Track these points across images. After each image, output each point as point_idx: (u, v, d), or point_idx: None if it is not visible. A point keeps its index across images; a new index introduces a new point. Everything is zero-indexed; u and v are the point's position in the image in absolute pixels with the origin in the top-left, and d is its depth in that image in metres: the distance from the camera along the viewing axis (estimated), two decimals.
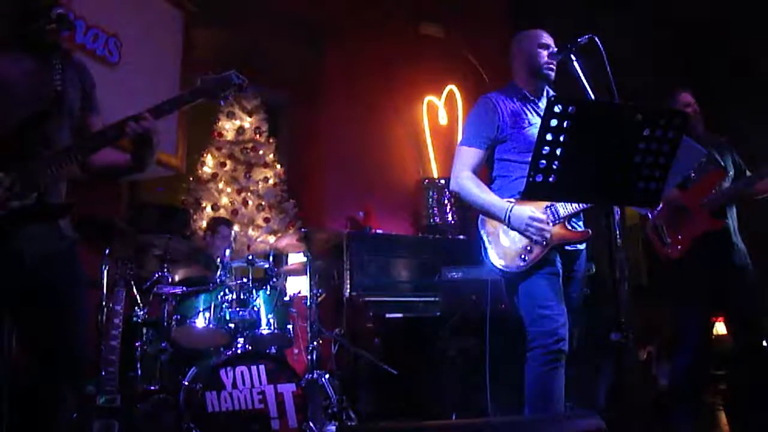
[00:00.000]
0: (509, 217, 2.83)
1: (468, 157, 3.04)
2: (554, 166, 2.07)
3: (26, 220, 2.17)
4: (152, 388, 3.80)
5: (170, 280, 4.10)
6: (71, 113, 2.35)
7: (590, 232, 2.90)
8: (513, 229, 2.84)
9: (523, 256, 2.85)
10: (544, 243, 2.80)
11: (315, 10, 6.50)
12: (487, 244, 2.97)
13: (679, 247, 3.79)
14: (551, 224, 2.83)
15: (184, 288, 4.06)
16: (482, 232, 3.00)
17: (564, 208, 2.84)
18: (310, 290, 4.19)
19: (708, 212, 3.75)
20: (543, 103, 3.08)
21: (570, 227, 2.88)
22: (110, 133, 2.27)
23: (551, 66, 3.01)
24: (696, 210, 3.77)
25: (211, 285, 4.07)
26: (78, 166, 2.37)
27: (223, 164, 6.19)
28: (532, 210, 2.82)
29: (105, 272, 3.86)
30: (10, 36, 2.30)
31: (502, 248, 2.92)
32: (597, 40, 2.62)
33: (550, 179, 2.08)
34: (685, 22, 6.15)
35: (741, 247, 3.75)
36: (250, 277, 4.10)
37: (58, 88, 2.26)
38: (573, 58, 2.76)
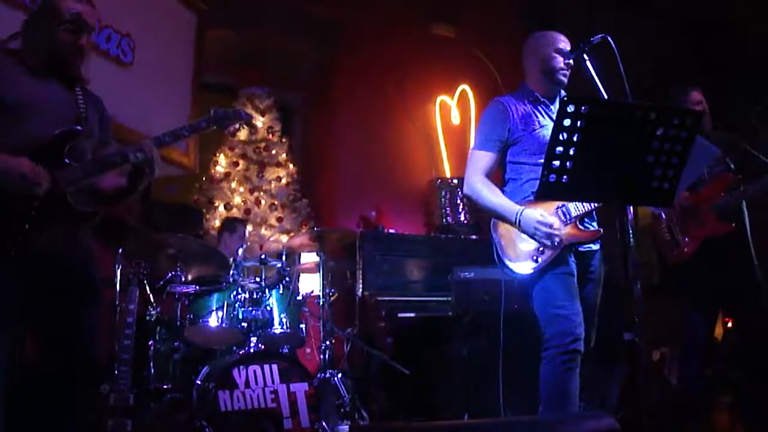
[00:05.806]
0: (519, 220, 2.83)
1: (480, 160, 3.04)
2: (567, 166, 2.07)
3: (51, 220, 2.34)
4: (165, 386, 3.83)
5: (183, 279, 4.10)
6: (92, 136, 2.59)
7: (601, 231, 2.89)
8: (523, 232, 2.84)
9: (535, 258, 2.84)
10: (555, 245, 2.79)
11: (327, 10, 6.50)
12: (499, 247, 2.97)
13: (685, 249, 3.76)
14: (563, 225, 2.83)
15: (197, 287, 4.07)
16: (495, 235, 3.01)
17: (575, 208, 2.83)
18: (323, 289, 4.19)
19: (716, 216, 3.70)
20: (555, 106, 3.06)
21: (582, 227, 2.87)
22: (116, 159, 2.51)
23: (565, 72, 2.99)
24: (705, 213, 3.72)
25: (224, 284, 4.09)
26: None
27: (236, 164, 6.20)
28: (542, 214, 2.80)
29: (118, 271, 3.88)
30: (43, 65, 2.51)
31: (514, 250, 2.92)
32: (610, 39, 2.61)
33: (564, 179, 2.08)
34: (698, 18, 6.12)
35: (751, 249, 3.66)
36: (263, 277, 4.11)
37: (83, 113, 2.54)
38: (586, 57, 2.75)
